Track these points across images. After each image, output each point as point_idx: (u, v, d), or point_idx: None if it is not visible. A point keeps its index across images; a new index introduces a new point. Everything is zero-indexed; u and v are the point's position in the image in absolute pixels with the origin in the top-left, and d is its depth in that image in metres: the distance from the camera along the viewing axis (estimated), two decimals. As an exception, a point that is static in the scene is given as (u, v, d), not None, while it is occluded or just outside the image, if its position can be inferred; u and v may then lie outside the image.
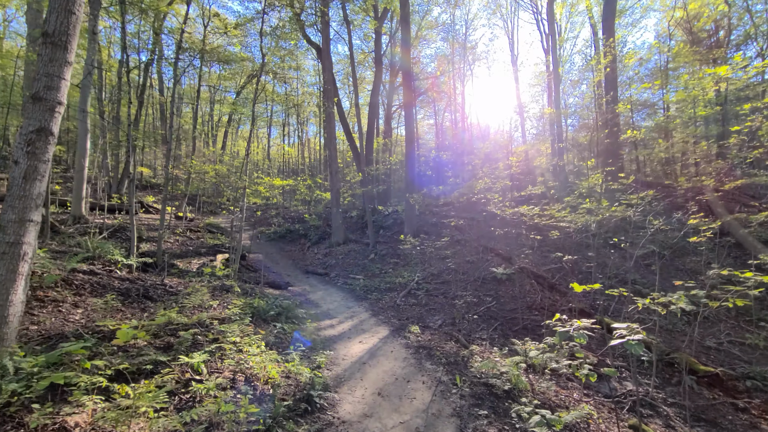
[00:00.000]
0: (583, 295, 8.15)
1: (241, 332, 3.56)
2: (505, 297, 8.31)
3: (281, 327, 4.81)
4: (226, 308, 4.95)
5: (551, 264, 9.73)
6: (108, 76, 21.44)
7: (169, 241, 11.73)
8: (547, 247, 10.73)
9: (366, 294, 8.72)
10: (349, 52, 16.51)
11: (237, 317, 4.42)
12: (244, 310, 4.82)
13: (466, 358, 4.79)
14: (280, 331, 4.71)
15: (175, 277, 6.49)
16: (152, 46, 19.60)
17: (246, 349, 3.44)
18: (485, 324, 7.05)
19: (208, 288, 5.75)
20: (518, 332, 6.78)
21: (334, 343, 5.04)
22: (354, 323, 6.19)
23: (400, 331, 5.82)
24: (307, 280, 10.63)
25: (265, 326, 4.67)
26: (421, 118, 36.09)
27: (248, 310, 4.92)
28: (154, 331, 3.57)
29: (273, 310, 5.14)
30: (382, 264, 11.42)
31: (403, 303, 8.09)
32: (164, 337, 3.56)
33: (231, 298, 5.43)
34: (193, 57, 18.34)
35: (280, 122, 38.45)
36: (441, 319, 7.23)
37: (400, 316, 6.99)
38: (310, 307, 7.19)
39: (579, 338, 3.21)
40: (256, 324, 4.60)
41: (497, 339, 6.43)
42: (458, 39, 30.11)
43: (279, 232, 16.27)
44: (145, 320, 3.85)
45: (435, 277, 9.66)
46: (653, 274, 8.59)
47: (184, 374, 2.95)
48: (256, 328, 4.44)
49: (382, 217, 15.87)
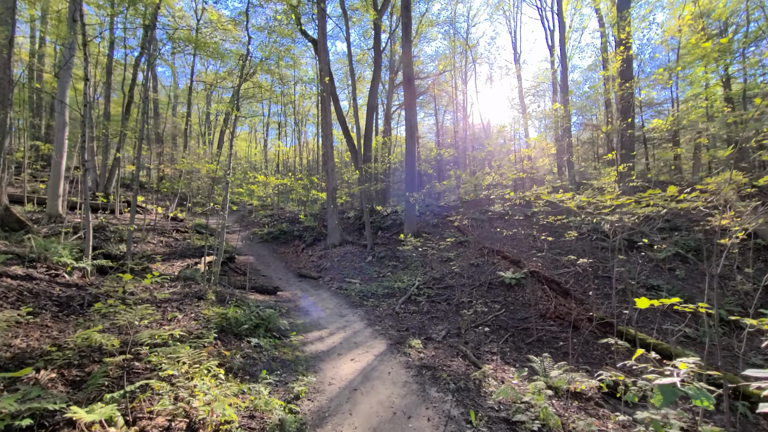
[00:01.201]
0: (602, 303, 7.38)
1: (191, 357, 2.77)
2: (515, 304, 7.54)
3: (257, 343, 4.02)
4: (192, 320, 4.19)
5: (563, 268, 8.97)
6: (97, 74, 20.73)
7: (152, 242, 10.96)
8: (557, 249, 9.98)
9: (362, 300, 7.94)
10: (347, 48, 15.82)
11: (202, 333, 3.63)
12: (211, 324, 4.03)
13: (478, 381, 4.02)
14: (254, 348, 3.90)
15: (145, 282, 5.73)
16: (142, 41, 18.89)
17: (196, 382, 2.61)
18: (495, 335, 6.28)
19: (180, 295, 5.00)
20: (532, 345, 6.01)
21: (321, 361, 4.26)
22: (347, 335, 5.42)
23: (399, 345, 5.05)
24: (299, 285, 9.85)
25: (235, 343, 3.88)
26: (422, 118, 35.42)
27: (219, 322, 4.13)
28: (67, 360, 2.73)
29: (249, 322, 4.35)
30: (380, 267, 10.65)
31: (403, 310, 7.32)
32: (87, 366, 2.74)
33: (202, 308, 4.66)
34: (183, 49, 17.60)
35: (276, 123, 37.70)
36: (445, 329, 6.46)
37: (399, 326, 6.22)
38: (298, 316, 6.41)
39: (702, 399, 1.89)
40: (225, 341, 3.81)
41: (510, 353, 5.65)
42: (459, 37, 29.45)
43: (272, 233, 15.49)
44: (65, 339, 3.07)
45: (437, 282, 8.90)
46: (678, 279, 7.83)
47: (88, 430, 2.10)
48: (223, 346, 3.64)
49: (380, 218, 15.11)
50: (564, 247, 10.07)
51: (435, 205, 17.47)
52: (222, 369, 3.05)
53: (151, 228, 12.51)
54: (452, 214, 14.49)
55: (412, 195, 11.74)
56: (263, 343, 4.05)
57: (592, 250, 9.67)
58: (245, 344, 3.91)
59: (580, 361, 5.61)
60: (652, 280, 7.75)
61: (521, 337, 6.29)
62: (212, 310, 4.57)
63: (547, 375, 4.62)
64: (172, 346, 2.87)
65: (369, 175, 15.11)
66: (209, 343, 3.49)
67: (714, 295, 3.72)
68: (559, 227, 11.56)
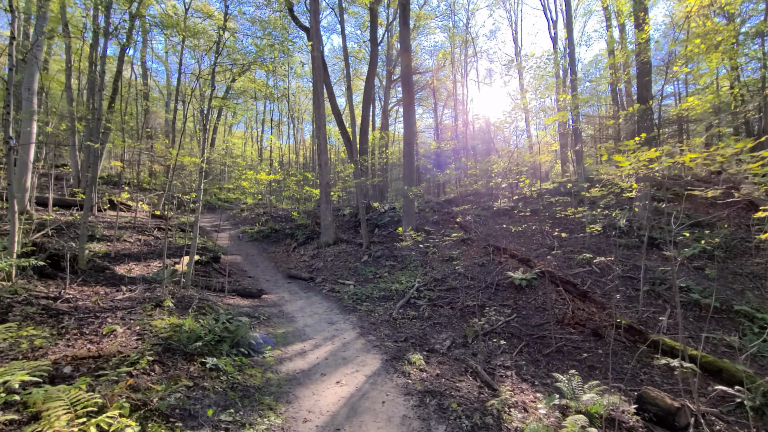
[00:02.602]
0: (626, 307, 6.56)
1: (76, 405, 1.90)
2: (527, 308, 6.71)
3: (214, 365, 3.17)
4: (134, 336, 3.35)
5: (578, 267, 8.15)
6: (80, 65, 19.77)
7: (128, 241, 10.10)
8: (570, 247, 9.16)
9: (355, 304, 7.11)
10: (341, 37, 14.95)
11: (129, 356, 2.76)
12: (158, 339, 3.18)
13: (497, 412, 3.18)
14: (208, 373, 3.02)
15: (100, 286, 4.89)
16: (128, 30, 18.03)
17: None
18: (507, 344, 5.45)
19: (134, 301, 4.16)
20: (551, 357, 5.18)
21: (298, 385, 3.41)
22: (335, 348, 4.58)
23: (396, 360, 4.21)
24: (288, 286, 9.01)
25: (183, 366, 3.02)
26: (420, 115, 34.53)
27: (170, 337, 3.26)
28: None
29: (209, 336, 3.48)
30: (376, 267, 9.81)
31: (401, 316, 6.49)
32: None
33: (154, 318, 3.83)
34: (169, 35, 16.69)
35: (272, 121, 36.72)
36: (449, 337, 5.63)
37: (396, 336, 5.38)
38: (281, 324, 5.56)
39: None
40: (167, 365, 2.94)
41: (526, 367, 4.82)
42: (459, 31, 28.58)
43: (263, 232, 14.63)
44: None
45: (439, 283, 8.07)
46: (708, 280, 7.02)
47: None
48: (160, 374, 2.72)
49: (377, 215, 14.27)
50: (577, 244, 9.26)
51: (435, 201, 16.65)
52: (133, 418, 2.15)
53: (129, 226, 11.65)
54: (453, 210, 13.67)
55: (410, 189, 10.91)
56: (223, 365, 3.20)
57: (608, 248, 8.86)
58: (196, 368, 3.04)
59: (609, 376, 4.79)
60: (680, 281, 6.93)
61: (537, 347, 5.46)
62: (167, 320, 3.73)
63: (577, 397, 3.79)
64: (46, 390, 2.01)
65: (365, 169, 14.26)
66: (136, 372, 2.61)
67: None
68: (570, 223, 10.75)
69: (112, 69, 20.03)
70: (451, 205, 15.10)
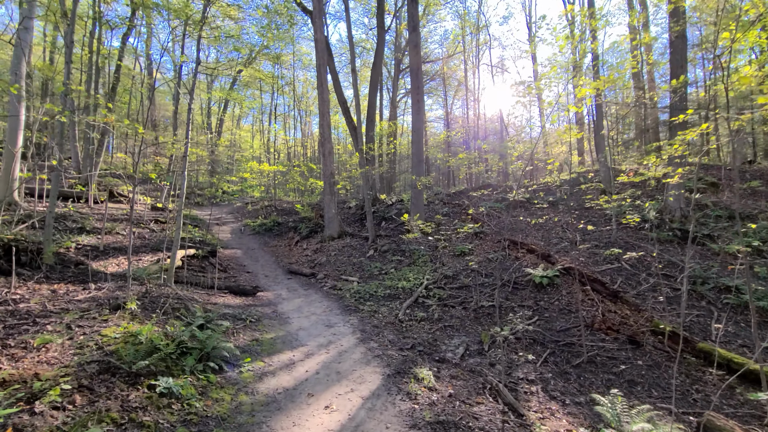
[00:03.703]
0: (664, 310, 5.77)
1: None
2: (549, 310, 5.96)
3: (165, 388, 2.51)
4: (73, 349, 2.74)
5: (605, 264, 7.35)
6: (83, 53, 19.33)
7: (121, 234, 9.58)
8: (594, 241, 8.34)
9: (358, 303, 6.44)
10: (346, 20, 14.13)
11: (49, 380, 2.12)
12: (93, 355, 2.54)
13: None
14: (153, 402, 2.37)
15: (65, 283, 4.30)
16: (130, 18, 17.58)
17: None
18: (529, 352, 4.73)
19: (92, 303, 3.56)
20: (583, 369, 4.45)
21: (278, 410, 2.72)
22: (329, 358, 3.92)
23: (400, 376, 3.52)
24: (287, 283, 8.40)
25: (120, 392, 2.37)
26: (430, 106, 33.52)
27: (117, 350, 2.63)
28: None
29: (169, 348, 2.82)
30: (382, 263, 9.13)
31: (408, 317, 5.81)
32: None
33: (109, 324, 3.21)
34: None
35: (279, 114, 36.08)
36: (463, 343, 4.94)
37: (402, 342, 4.70)
38: (271, 327, 4.92)
39: None
40: (96, 390, 2.27)
41: (554, 381, 4.11)
42: (470, 17, 27.40)
43: (265, 225, 14.05)
44: None
45: (450, 280, 7.36)
46: (759, 278, 6.17)
47: None
48: (84, 406, 2.05)
49: (384, 207, 13.57)
50: (602, 238, 8.44)
51: (444, 193, 15.86)
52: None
53: (125, 218, 11.15)
54: (464, 202, 12.89)
55: (419, 180, 10.17)
56: (180, 387, 2.54)
57: (637, 242, 8.03)
58: (139, 394, 2.37)
59: (653, 393, 4.05)
60: (726, 280, 6.11)
61: (565, 356, 4.73)
62: (122, 327, 3.12)
63: (621, 427, 3.07)
64: None
65: (371, 158, 13.52)
66: (41, 408, 1.94)
67: None
68: (592, 215, 9.91)
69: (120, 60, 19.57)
70: (462, 197, 14.31)
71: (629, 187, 10.62)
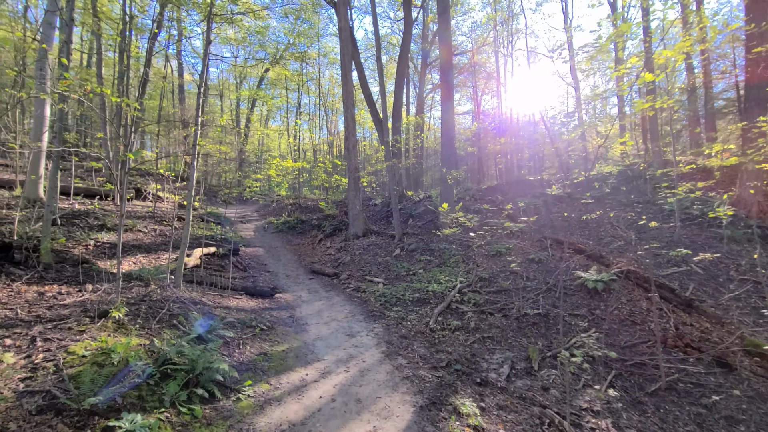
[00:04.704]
0: (755, 323, 4.76)
1: None
2: (608, 320, 5.08)
3: (128, 429, 1.93)
4: (25, 372, 2.25)
5: (670, 267, 6.34)
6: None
7: (142, 231, 9.40)
8: (652, 240, 7.30)
9: (383, 308, 5.79)
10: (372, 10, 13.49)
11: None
12: (46, 382, 2.01)
13: None
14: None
15: (58, 284, 3.90)
16: (158, 16, 17.71)
17: None
18: (590, 375, 3.91)
19: (75, 309, 3.10)
20: (661, 398, 3.59)
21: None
22: (348, 378, 3.27)
23: (436, 408, 2.79)
24: (308, 283, 7.87)
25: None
26: (458, 99, 32.37)
27: (78, 374, 2.08)
28: None
29: (148, 369, 2.26)
30: (410, 262, 8.45)
31: (440, 326, 5.10)
32: None
33: (85, 336, 2.73)
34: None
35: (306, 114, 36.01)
36: (507, 360, 4.18)
37: (435, 358, 4.00)
38: (286, 335, 4.35)
39: None
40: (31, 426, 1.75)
41: (627, 414, 3.29)
42: (500, 5, 26.04)
43: (289, 223, 13.67)
44: None
45: (486, 284, 6.57)
46: None
47: None
48: None
49: (411, 204, 12.85)
50: (662, 237, 7.38)
51: (475, 188, 14.96)
52: None
53: (149, 215, 11.03)
54: (498, 197, 11.98)
55: (449, 173, 9.39)
56: (147, 426, 1.95)
57: (706, 241, 6.94)
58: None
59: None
60: (832, 288, 5.00)
61: (636, 379, 3.88)
62: (98, 341, 2.62)
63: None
64: None
65: (397, 151, 12.83)
66: None
67: None
68: (647, 211, 8.80)
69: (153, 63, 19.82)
70: (495, 193, 13.37)
71: (688, 180, 9.40)
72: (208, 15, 5.22)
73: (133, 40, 18.45)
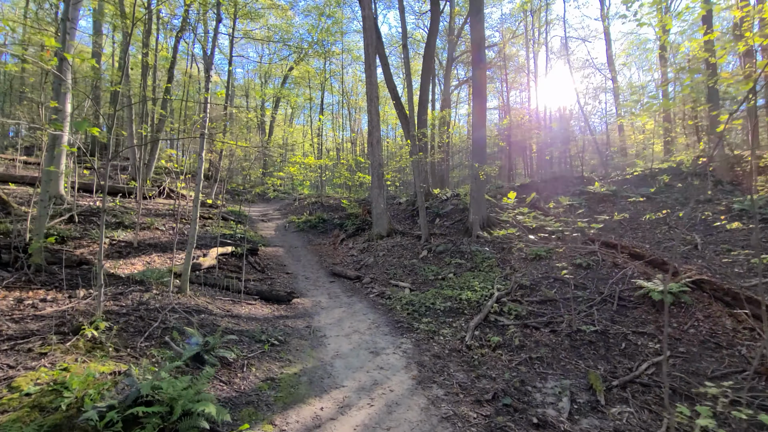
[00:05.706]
0: None
1: None
2: (684, 341, 4.22)
3: None
4: None
5: (752, 276, 5.36)
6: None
7: (159, 230, 9.13)
8: (723, 244, 6.29)
9: (411, 318, 5.13)
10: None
11: None
12: None
13: None
14: None
15: (46, 289, 3.48)
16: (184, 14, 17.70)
17: None
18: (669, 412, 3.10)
19: (53, 321, 2.63)
20: (780, 453, 2.75)
21: None
22: (371, 416, 2.61)
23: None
24: (329, 287, 7.32)
25: None
26: (485, 95, 31.12)
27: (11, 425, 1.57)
28: None
29: (109, 415, 1.73)
30: (438, 266, 7.75)
31: (478, 343, 4.39)
32: None
33: (45, 362, 2.20)
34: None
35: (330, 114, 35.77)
36: (564, 390, 3.43)
37: (477, 387, 3.31)
38: (300, 352, 3.77)
39: None
40: None
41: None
42: (531, -5, 24.68)
43: (310, 222, 13.22)
44: None
45: (528, 292, 5.79)
46: None
47: None
48: None
49: (438, 203, 12.13)
50: (732, 241, 6.36)
51: (507, 186, 14.02)
52: None
53: (170, 213, 10.81)
54: (535, 195, 11.05)
55: (481, 168, 8.61)
56: None
57: (793, 247, 5.88)
58: None
59: None
60: None
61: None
62: (58, 368, 2.11)
63: None
64: None
65: (423, 145, 12.11)
66: None
67: None
68: (710, 210, 7.72)
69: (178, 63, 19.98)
70: (529, 191, 12.42)
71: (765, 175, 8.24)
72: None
73: (160, 42, 18.57)
